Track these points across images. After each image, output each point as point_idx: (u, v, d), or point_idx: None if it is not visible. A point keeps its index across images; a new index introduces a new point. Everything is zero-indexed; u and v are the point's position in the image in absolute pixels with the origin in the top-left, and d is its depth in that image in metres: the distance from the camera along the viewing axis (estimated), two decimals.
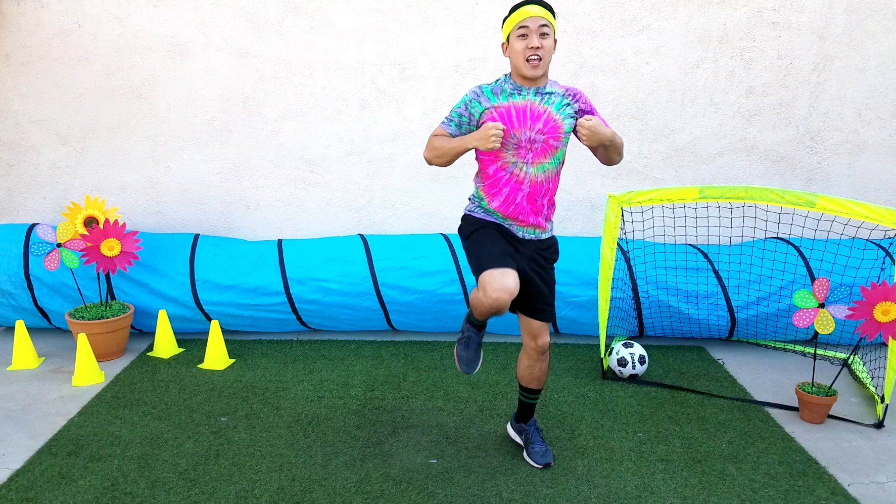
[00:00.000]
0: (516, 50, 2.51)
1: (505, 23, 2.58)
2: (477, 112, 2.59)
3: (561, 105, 2.59)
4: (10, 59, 4.37)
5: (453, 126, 2.64)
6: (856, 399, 3.60)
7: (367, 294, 4.14)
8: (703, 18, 4.36)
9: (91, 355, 3.69)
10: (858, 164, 4.60)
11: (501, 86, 2.60)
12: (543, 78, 2.58)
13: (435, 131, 2.68)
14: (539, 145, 2.57)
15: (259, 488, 2.73)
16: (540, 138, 2.56)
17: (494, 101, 2.57)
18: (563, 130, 2.59)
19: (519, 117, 2.55)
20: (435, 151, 2.63)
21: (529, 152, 2.57)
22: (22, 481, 2.75)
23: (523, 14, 2.50)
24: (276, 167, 4.61)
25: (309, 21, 4.37)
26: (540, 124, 2.55)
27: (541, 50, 2.48)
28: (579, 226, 4.72)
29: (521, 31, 2.49)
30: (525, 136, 2.56)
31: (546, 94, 2.58)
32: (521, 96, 2.56)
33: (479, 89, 2.61)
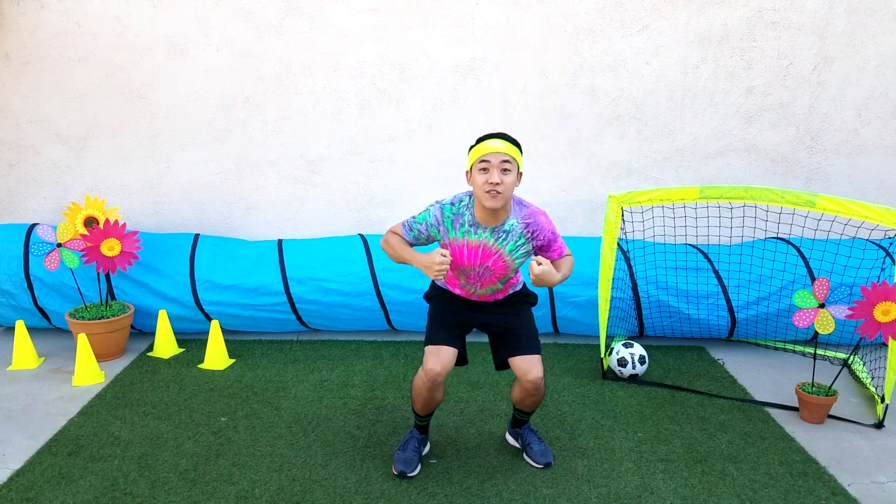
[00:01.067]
0: (478, 183, 2.53)
1: (470, 152, 2.61)
2: (435, 237, 2.72)
3: (515, 246, 2.65)
4: (10, 59, 4.37)
5: (412, 235, 2.76)
6: (856, 399, 3.60)
7: (367, 294, 4.14)
8: (703, 18, 4.36)
9: (91, 355, 3.69)
10: (858, 164, 4.60)
11: (462, 214, 2.64)
12: (503, 211, 2.61)
13: (394, 227, 2.80)
14: (487, 277, 2.71)
15: (259, 488, 2.73)
16: (489, 273, 2.70)
17: (451, 235, 2.67)
18: (511, 268, 2.71)
19: (470, 256, 2.66)
20: (388, 249, 2.77)
21: (478, 281, 2.74)
22: (22, 481, 2.75)
23: (486, 150, 2.51)
24: (276, 167, 4.61)
25: (309, 21, 4.37)
26: (489, 262, 2.67)
27: (500, 185, 2.49)
28: (579, 226, 4.72)
29: (483, 165, 2.51)
30: (474, 271, 2.70)
31: (503, 233, 2.63)
32: (477, 235, 2.63)
33: (440, 215, 2.67)
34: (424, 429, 2.97)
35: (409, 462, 2.82)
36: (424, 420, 2.92)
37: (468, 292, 2.80)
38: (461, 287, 2.80)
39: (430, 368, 2.68)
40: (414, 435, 2.94)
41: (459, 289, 2.81)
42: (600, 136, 4.56)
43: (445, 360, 2.70)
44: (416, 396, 2.80)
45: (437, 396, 2.77)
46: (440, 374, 2.68)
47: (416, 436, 2.94)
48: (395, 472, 2.81)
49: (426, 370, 2.69)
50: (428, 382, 2.70)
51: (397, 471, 2.81)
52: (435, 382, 2.70)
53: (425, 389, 2.73)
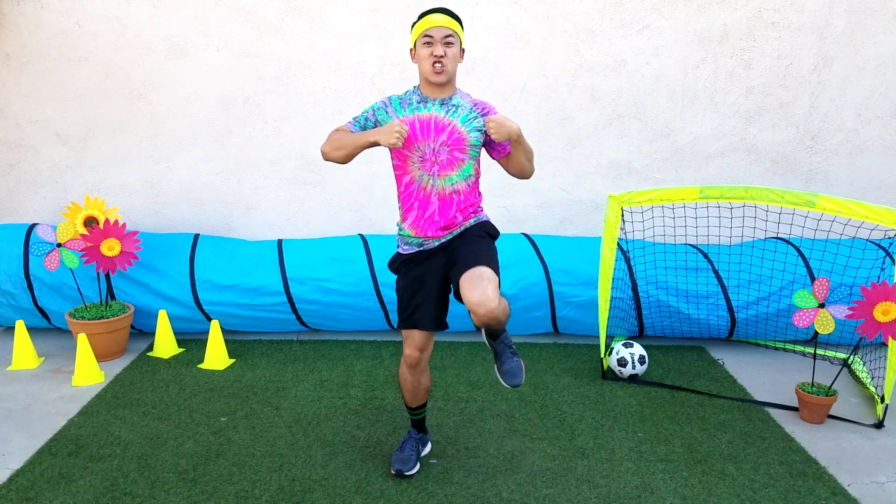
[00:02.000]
0: (422, 56, 2.53)
1: (412, 29, 2.59)
2: (383, 120, 2.61)
3: (467, 118, 2.59)
4: (10, 59, 4.37)
5: (358, 127, 2.63)
6: (856, 399, 3.60)
7: (367, 294, 4.14)
8: (703, 18, 4.36)
9: (91, 355, 3.69)
10: (858, 164, 4.60)
11: (409, 97, 2.63)
12: (450, 86, 2.59)
13: (338, 127, 2.67)
14: (444, 157, 2.57)
15: (259, 488, 2.73)
16: (445, 150, 2.57)
17: (401, 114, 2.59)
18: (468, 143, 2.58)
19: (423, 129, 2.56)
20: (335, 143, 2.57)
21: (435, 164, 2.58)
22: (22, 481, 2.75)
23: (429, 23, 2.51)
24: (276, 167, 4.61)
25: (309, 21, 4.37)
26: (444, 136, 2.56)
27: (444, 58, 2.49)
28: (579, 226, 4.72)
29: (426, 40, 2.51)
30: (429, 147, 2.57)
31: (452, 106, 2.59)
32: (427, 108, 2.58)
33: (387, 100, 2.64)
34: (420, 425, 2.96)
35: (407, 461, 2.82)
36: (418, 413, 2.91)
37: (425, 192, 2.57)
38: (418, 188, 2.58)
39: (408, 354, 2.69)
40: (412, 435, 2.94)
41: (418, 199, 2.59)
42: (600, 136, 4.56)
43: (420, 342, 2.68)
44: (402, 385, 2.82)
45: (424, 381, 2.78)
46: (420, 358, 2.68)
47: (413, 435, 2.94)
48: (393, 471, 2.81)
49: (405, 356, 2.71)
50: (408, 368, 2.72)
51: (394, 470, 2.81)
52: (415, 367, 2.70)
53: (408, 374, 2.74)
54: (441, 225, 2.63)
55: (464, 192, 2.63)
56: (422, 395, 2.83)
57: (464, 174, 2.61)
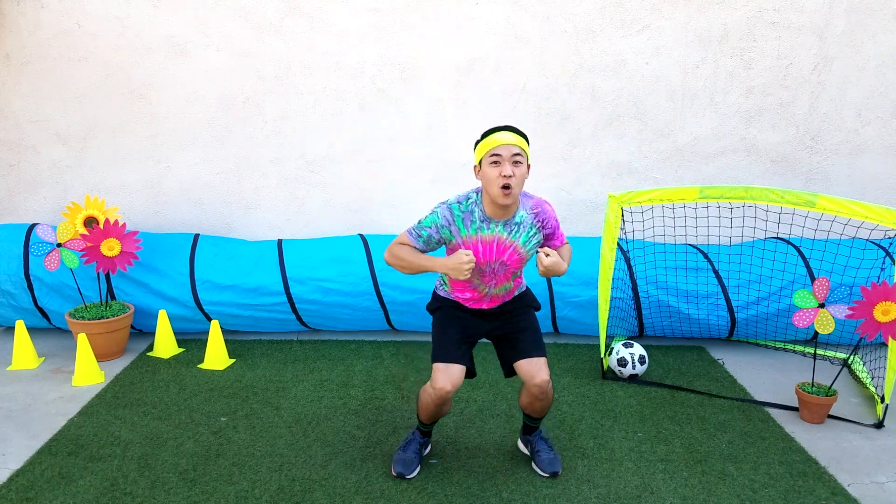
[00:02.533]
0: (489, 177, 2.49)
1: (477, 146, 2.58)
2: (446, 238, 2.63)
3: (528, 237, 2.64)
4: (10, 59, 4.37)
5: (421, 241, 2.64)
6: (856, 399, 3.60)
7: (367, 294, 4.14)
8: (703, 18, 4.36)
9: (91, 355, 3.69)
10: (858, 164, 4.60)
11: (472, 212, 2.59)
12: (514, 205, 2.59)
13: (400, 238, 2.67)
14: (503, 272, 2.68)
15: (259, 488, 2.73)
16: (503, 269, 2.67)
17: (464, 234, 2.60)
18: (525, 260, 2.69)
19: (485, 252, 2.62)
20: (400, 262, 2.64)
21: (493, 279, 2.70)
22: (22, 481, 2.75)
23: (497, 142, 2.48)
24: (276, 167, 4.61)
25: (309, 21, 4.37)
26: (504, 257, 2.64)
27: (513, 178, 2.47)
28: (579, 226, 4.72)
29: (494, 159, 2.48)
30: (489, 267, 2.66)
31: (515, 225, 2.61)
32: (490, 231, 2.60)
33: (449, 215, 2.59)
34: (428, 433, 2.95)
35: (409, 463, 2.81)
36: (428, 427, 2.91)
37: (480, 294, 2.74)
38: (472, 289, 2.74)
39: (440, 387, 2.63)
40: (416, 437, 2.92)
41: (470, 291, 2.75)
42: (600, 136, 4.56)
43: (455, 377, 2.66)
44: (422, 408, 2.78)
45: (444, 409, 2.76)
46: (450, 392, 2.65)
47: (418, 438, 2.92)
48: (394, 472, 2.81)
49: (435, 388, 2.64)
50: (437, 399, 2.67)
51: (396, 472, 2.80)
52: (443, 399, 2.67)
53: (433, 405, 2.71)
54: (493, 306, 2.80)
55: (513, 288, 2.80)
56: (438, 418, 2.82)
57: (516, 276, 2.76)
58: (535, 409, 2.80)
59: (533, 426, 2.93)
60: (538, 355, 2.73)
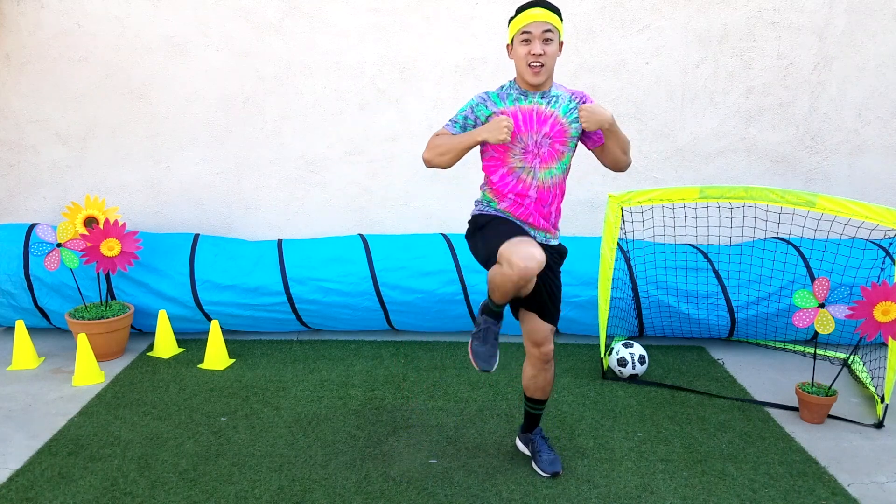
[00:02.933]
0: (519, 55, 2.47)
1: (510, 24, 2.54)
2: (483, 115, 2.56)
3: (567, 109, 2.56)
4: (10, 59, 4.37)
5: (458, 128, 2.57)
6: (856, 399, 3.60)
7: (367, 294, 4.14)
8: (703, 18, 4.36)
9: (91, 355, 3.69)
10: (858, 164, 4.60)
11: (507, 91, 2.58)
12: (548, 82, 2.55)
13: (438, 132, 2.60)
14: (546, 149, 2.55)
15: (259, 488, 2.73)
16: (546, 142, 2.54)
17: (501, 106, 2.55)
18: (569, 134, 2.57)
19: (526, 121, 2.52)
20: (438, 149, 2.51)
21: (536, 157, 2.55)
22: (22, 481, 2.75)
23: (527, 18, 2.44)
24: (276, 167, 4.61)
25: (309, 21, 4.37)
26: (546, 128, 2.53)
27: (543, 56, 2.43)
28: (579, 226, 4.72)
29: (525, 37, 2.45)
30: (532, 139, 2.53)
31: (552, 97, 2.56)
32: (528, 101, 2.54)
33: (485, 94, 2.58)
34: (501, 315, 2.64)
35: (491, 357, 2.58)
36: (501, 308, 2.59)
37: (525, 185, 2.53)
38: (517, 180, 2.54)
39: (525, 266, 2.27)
40: (490, 325, 2.62)
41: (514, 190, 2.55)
42: None
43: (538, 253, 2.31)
44: (496, 289, 2.46)
45: (530, 287, 2.48)
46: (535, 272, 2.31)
47: (492, 326, 2.62)
48: (478, 368, 2.58)
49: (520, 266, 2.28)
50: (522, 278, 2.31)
51: (480, 367, 2.57)
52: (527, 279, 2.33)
53: (512, 287, 2.37)
54: (539, 219, 2.63)
55: (559, 184, 2.62)
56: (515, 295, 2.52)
57: (563, 166, 2.60)
58: (538, 384, 2.71)
59: (535, 413, 2.85)
60: (551, 322, 2.65)
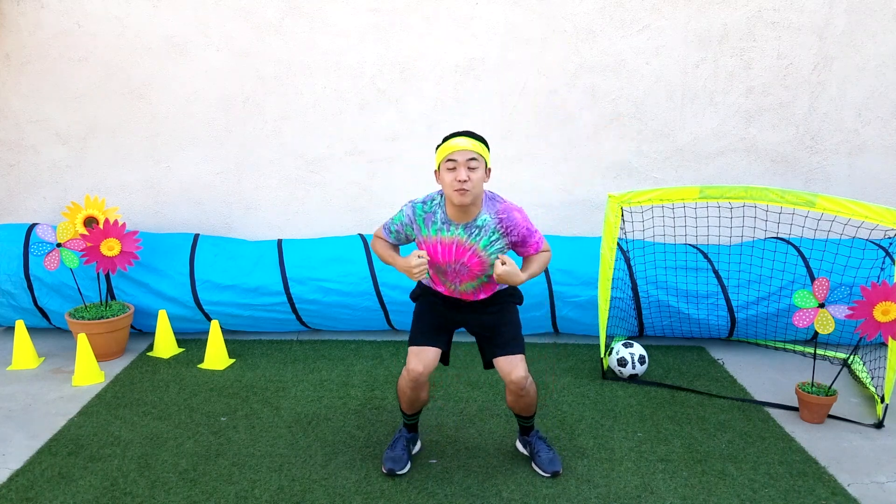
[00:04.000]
0: (446, 181, 2.55)
1: (437, 151, 2.61)
2: (410, 233, 2.75)
3: (489, 241, 2.64)
4: (10, 59, 4.37)
5: (392, 237, 2.80)
6: (856, 399, 3.60)
7: (367, 294, 4.14)
8: (703, 18, 4.36)
9: (91, 355, 3.69)
10: (858, 164, 4.60)
11: (434, 213, 2.66)
12: (474, 208, 2.61)
13: (377, 231, 2.85)
14: (465, 273, 2.71)
15: (259, 488, 2.73)
16: (465, 269, 2.70)
17: (424, 233, 2.69)
18: (487, 264, 2.69)
19: (444, 253, 2.68)
20: (376, 252, 2.82)
21: (457, 277, 2.74)
22: (22, 481, 2.75)
23: (452, 147, 2.52)
24: (276, 167, 4.61)
25: (309, 21, 4.37)
26: (465, 259, 2.67)
27: (468, 183, 2.50)
28: (579, 226, 4.72)
29: (450, 164, 2.52)
30: (450, 268, 2.71)
31: (476, 228, 2.62)
32: (450, 232, 2.64)
33: (412, 213, 2.70)
34: (413, 427, 2.99)
35: (398, 460, 2.84)
36: (412, 419, 2.95)
37: (450, 290, 2.80)
38: (443, 284, 2.81)
39: (412, 368, 2.71)
40: (402, 434, 2.96)
41: (442, 286, 2.82)
42: (600, 136, 4.56)
43: (427, 360, 2.73)
44: (401, 396, 2.84)
45: (423, 396, 2.81)
46: (422, 374, 2.71)
47: (404, 434, 2.96)
48: (385, 470, 2.82)
49: (408, 370, 2.72)
50: (411, 382, 2.73)
51: (386, 469, 2.82)
52: (417, 382, 2.73)
53: (409, 389, 2.76)
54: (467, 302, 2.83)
55: (485, 287, 2.79)
56: (419, 406, 2.88)
57: (486, 277, 2.74)
58: (519, 407, 2.83)
59: (527, 426, 2.95)
60: (515, 352, 2.76)
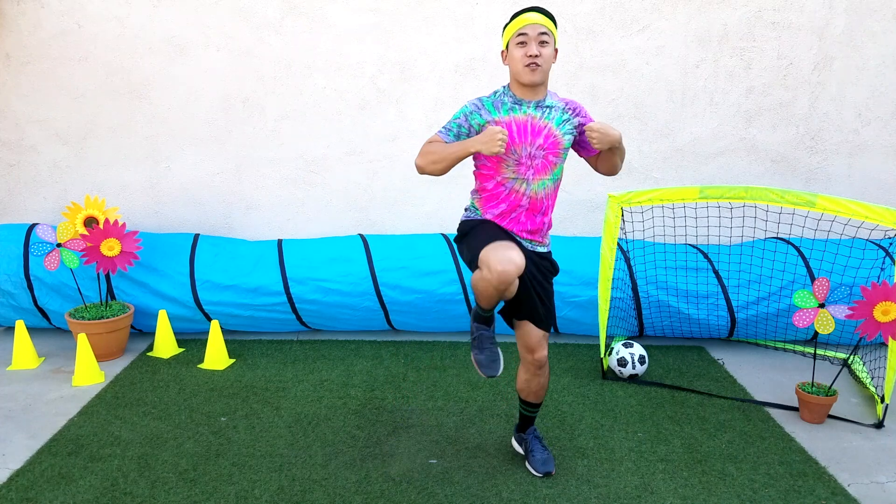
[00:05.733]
0: (515, 57, 2.48)
1: (505, 30, 2.55)
2: (477, 124, 2.54)
3: (561, 120, 2.56)
4: (10, 59, 4.37)
5: (451, 136, 2.55)
6: (856, 399, 3.60)
7: (367, 294, 4.14)
8: (703, 18, 4.36)
9: (91, 355, 3.69)
10: (858, 164, 4.60)
11: (501, 98, 2.56)
12: (543, 88, 2.55)
13: (430, 139, 2.57)
14: (539, 161, 2.54)
15: (259, 488, 2.73)
16: (540, 154, 2.54)
17: (495, 115, 2.53)
18: (562, 146, 2.57)
19: (520, 132, 2.51)
20: (431, 157, 2.49)
21: (530, 169, 2.54)
22: (22, 481, 2.75)
23: (523, 21, 2.46)
24: (276, 167, 4.61)
25: (309, 21, 4.37)
26: (541, 139, 2.53)
27: (539, 58, 2.44)
28: (579, 226, 4.72)
29: (521, 39, 2.46)
30: (525, 151, 2.53)
31: (546, 107, 2.55)
32: (522, 110, 2.53)
33: (479, 101, 2.57)
34: (491, 319, 2.62)
35: (494, 361, 2.56)
36: (490, 312, 2.58)
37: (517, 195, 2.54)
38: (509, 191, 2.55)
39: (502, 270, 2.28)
40: (483, 331, 2.61)
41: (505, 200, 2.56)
42: None
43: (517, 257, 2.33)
44: (479, 295, 2.46)
45: (512, 290, 2.47)
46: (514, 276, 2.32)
47: (485, 331, 2.61)
48: (484, 375, 2.55)
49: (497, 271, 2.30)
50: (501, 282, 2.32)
51: (486, 375, 2.54)
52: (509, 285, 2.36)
53: (495, 292, 2.38)
54: (528, 228, 2.63)
55: (551, 195, 2.63)
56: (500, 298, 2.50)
57: (555, 176, 2.61)
58: (531, 389, 2.74)
59: (529, 416, 2.88)
60: (545, 328, 2.66)
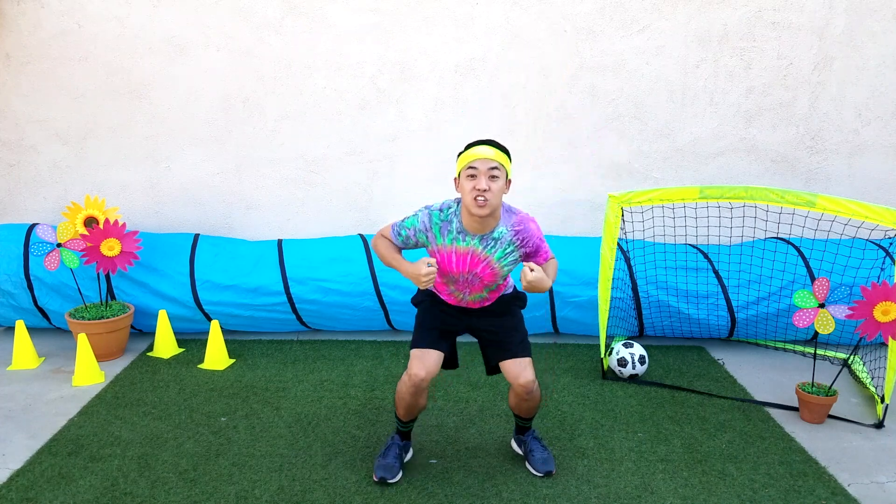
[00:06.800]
0: (465, 189, 2.52)
1: (458, 158, 2.59)
2: (422, 243, 2.69)
3: (504, 253, 2.63)
4: (10, 59, 4.37)
5: (400, 240, 2.73)
6: (856, 399, 3.60)
7: (368, 294, 4.14)
8: (703, 18, 4.36)
9: (91, 355, 3.69)
10: (858, 164, 4.60)
11: (450, 221, 2.61)
12: (491, 219, 2.58)
13: (384, 230, 2.78)
14: (476, 283, 2.69)
15: (259, 488, 2.73)
16: (477, 280, 2.68)
17: (439, 242, 2.64)
18: (500, 275, 2.68)
19: (459, 262, 2.64)
20: (378, 250, 2.76)
21: (466, 288, 2.71)
22: (22, 481, 2.75)
23: (473, 156, 2.50)
24: (276, 167, 4.61)
25: (309, 21, 4.37)
26: (478, 269, 2.65)
27: (488, 192, 2.47)
28: (579, 226, 4.72)
29: (471, 172, 2.49)
30: (462, 277, 2.68)
31: (492, 240, 2.60)
32: (466, 242, 2.61)
33: (428, 221, 2.63)
34: (407, 435, 2.92)
35: (390, 468, 2.77)
36: (407, 426, 2.87)
37: (457, 299, 2.77)
38: (449, 293, 2.78)
39: (414, 373, 2.64)
40: (395, 441, 2.88)
41: (447, 295, 2.79)
42: (600, 136, 4.56)
43: (430, 364, 2.68)
44: (399, 401, 2.76)
45: (421, 402, 2.73)
46: (424, 380, 2.65)
47: (397, 442, 2.88)
48: (376, 478, 2.75)
49: (410, 375, 2.66)
50: (412, 388, 2.66)
51: (377, 477, 2.75)
52: (419, 388, 2.66)
53: (408, 395, 2.69)
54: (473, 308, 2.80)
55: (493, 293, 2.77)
56: (416, 413, 2.79)
57: (495, 286, 2.74)
58: (522, 410, 2.83)
59: (525, 426, 2.94)
60: (523, 355, 2.75)
